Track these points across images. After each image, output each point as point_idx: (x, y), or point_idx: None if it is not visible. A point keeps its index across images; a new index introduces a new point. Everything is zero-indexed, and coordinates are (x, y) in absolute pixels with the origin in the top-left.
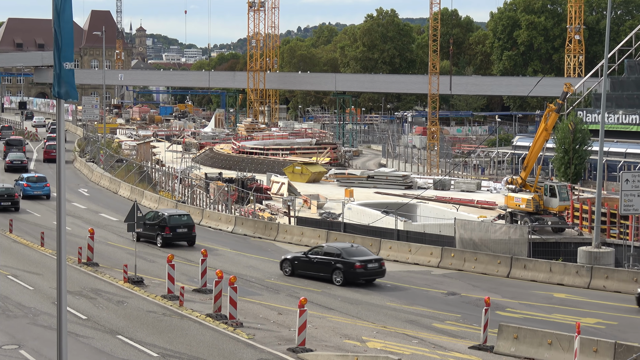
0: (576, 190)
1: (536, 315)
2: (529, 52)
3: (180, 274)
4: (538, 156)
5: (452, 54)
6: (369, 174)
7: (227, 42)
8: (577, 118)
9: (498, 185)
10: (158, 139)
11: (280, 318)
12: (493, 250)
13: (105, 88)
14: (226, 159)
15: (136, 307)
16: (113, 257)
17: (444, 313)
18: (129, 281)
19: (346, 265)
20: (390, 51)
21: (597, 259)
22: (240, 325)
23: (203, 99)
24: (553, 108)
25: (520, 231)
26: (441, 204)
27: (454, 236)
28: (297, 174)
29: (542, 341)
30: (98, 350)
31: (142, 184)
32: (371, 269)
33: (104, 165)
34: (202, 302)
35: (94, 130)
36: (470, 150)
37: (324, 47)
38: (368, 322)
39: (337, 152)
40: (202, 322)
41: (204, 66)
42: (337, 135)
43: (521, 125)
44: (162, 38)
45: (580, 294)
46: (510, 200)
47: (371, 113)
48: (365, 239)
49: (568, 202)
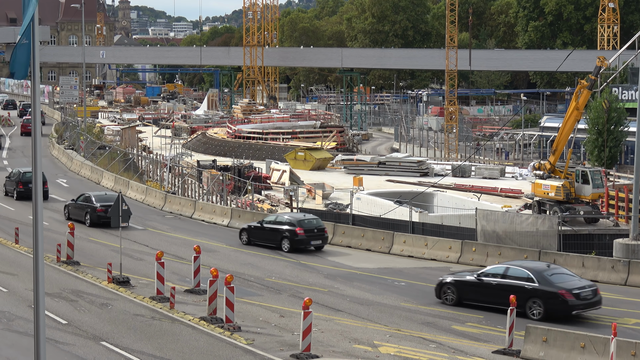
0: (611, 175)
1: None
2: (557, 22)
3: (171, 273)
4: (568, 138)
5: (471, 25)
6: (380, 160)
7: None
8: (612, 95)
9: (524, 171)
10: (144, 123)
11: (282, 321)
12: (519, 244)
13: (85, 67)
14: (221, 145)
15: (122, 310)
16: (96, 255)
17: (465, 314)
18: (113, 281)
19: (292, 234)
20: (402, 23)
21: (635, 252)
22: (237, 329)
23: (194, 78)
24: (585, 85)
25: (549, 222)
26: (461, 193)
27: (475, 228)
28: (300, 160)
29: (574, 344)
30: (80, 358)
31: (127, 174)
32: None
33: (85, 153)
34: (195, 304)
35: (73, 114)
36: (492, 132)
37: (328, 19)
38: (380, 324)
39: (344, 136)
40: (196, 326)
41: (195, 41)
42: (344, 117)
43: (549, 104)
44: (148, 10)
45: (616, 291)
46: (537, 188)
47: (382, 92)
48: (376, 232)
49: (602, 189)
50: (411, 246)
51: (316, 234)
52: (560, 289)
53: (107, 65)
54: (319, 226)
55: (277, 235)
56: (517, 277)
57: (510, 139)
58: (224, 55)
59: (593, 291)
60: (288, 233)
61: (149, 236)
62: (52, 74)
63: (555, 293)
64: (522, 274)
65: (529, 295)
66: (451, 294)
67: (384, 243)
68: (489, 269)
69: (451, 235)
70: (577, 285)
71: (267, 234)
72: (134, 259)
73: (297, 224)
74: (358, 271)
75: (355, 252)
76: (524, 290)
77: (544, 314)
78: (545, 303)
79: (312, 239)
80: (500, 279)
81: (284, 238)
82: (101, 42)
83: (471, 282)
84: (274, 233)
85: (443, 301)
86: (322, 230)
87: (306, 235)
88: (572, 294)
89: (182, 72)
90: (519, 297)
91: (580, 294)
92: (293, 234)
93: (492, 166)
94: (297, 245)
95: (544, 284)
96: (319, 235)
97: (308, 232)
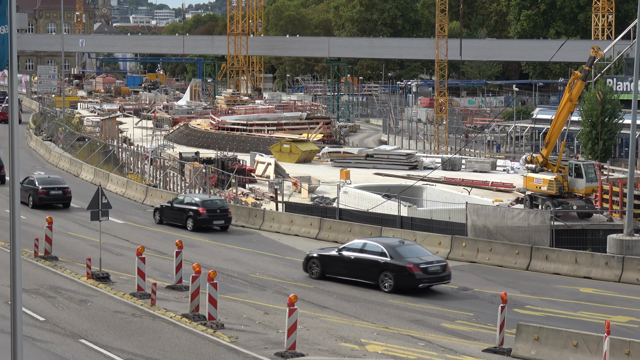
0: (605, 169)
1: (560, 313)
2: (550, 11)
3: (152, 269)
4: (562, 131)
5: (462, 13)
6: (368, 153)
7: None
8: (607, 87)
9: (516, 164)
10: (125, 114)
11: (266, 318)
12: (510, 239)
13: (64, 55)
14: (204, 137)
15: (101, 306)
16: (74, 250)
17: (454, 311)
18: (93, 277)
19: (195, 213)
20: (391, 11)
21: (629, 248)
22: (221, 326)
23: (176, 67)
24: (579, 75)
25: (542, 217)
26: (451, 187)
27: (466, 223)
28: (286, 153)
29: (566, 343)
30: (58, 356)
31: (107, 166)
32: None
33: (63, 145)
34: (177, 301)
35: (52, 104)
36: (483, 124)
37: (315, 7)
38: (367, 322)
39: (331, 128)
40: (177, 324)
41: (177, 30)
42: (331, 109)
43: (542, 96)
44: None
45: (610, 288)
46: (529, 182)
47: (370, 82)
48: (364, 227)
49: (596, 183)
50: None
51: (219, 214)
52: (409, 263)
53: (86, 54)
54: (222, 207)
55: (183, 215)
56: (372, 252)
57: (502, 131)
58: (207, 44)
59: (442, 266)
60: (192, 213)
61: (129, 230)
62: (29, 63)
63: (404, 267)
64: (376, 248)
65: (381, 269)
66: (316, 267)
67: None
68: (349, 243)
69: (441, 230)
70: (426, 260)
71: (175, 213)
72: (114, 254)
73: (200, 204)
74: None
75: None
76: (377, 264)
77: (394, 286)
78: (395, 276)
79: (214, 218)
80: (358, 254)
81: (188, 217)
82: (80, 30)
83: (333, 257)
84: (180, 213)
85: (309, 275)
86: (226, 211)
87: (209, 215)
88: (420, 268)
89: (164, 61)
90: (373, 271)
91: (428, 269)
92: (196, 213)
93: (483, 159)
94: (200, 224)
95: (395, 258)
96: (222, 215)
97: (211, 212)
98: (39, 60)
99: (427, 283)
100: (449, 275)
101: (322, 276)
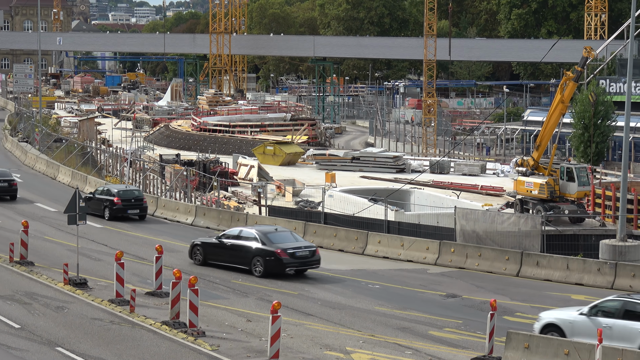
0: (598, 173)
1: None
2: (542, 9)
3: (131, 274)
4: (553, 133)
5: (451, 12)
6: (354, 155)
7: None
8: (599, 88)
9: (506, 167)
10: (104, 115)
11: (249, 326)
12: (500, 245)
13: (40, 54)
14: (185, 138)
15: (79, 313)
16: (51, 255)
17: (443, 319)
18: (70, 283)
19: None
20: (378, 9)
21: (622, 254)
22: (202, 334)
23: (157, 66)
24: (571, 76)
25: (532, 222)
26: (439, 190)
27: (454, 228)
28: (269, 155)
29: (557, 351)
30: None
31: (85, 168)
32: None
33: (40, 146)
34: (156, 308)
35: (28, 104)
36: (473, 126)
37: (300, 5)
38: (353, 329)
39: (316, 130)
40: (157, 331)
41: (158, 28)
42: (316, 110)
43: (533, 97)
44: None
45: (602, 295)
46: (520, 186)
47: (356, 83)
48: (349, 232)
49: (588, 187)
50: (386, 247)
51: (133, 204)
52: (277, 248)
53: (64, 52)
54: (137, 197)
55: (100, 205)
56: (247, 238)
57: (492, 133)
58: (188, 43)
59: (311, 251)
60: (108, 203)
61: (107, 235)
62: (5, 61)
63: (273, 252)
64: (250, 235)
65: (253, 254)
66: (199, 254)
67: (358, 243)
68: (228, 231)
69: (429, 235)
70: (294, 246)
71: (94, 204)
72: (91, 259)
73: (116, 194)
74: (330, 273)
75: (327, 252)
76: (250, 249)
77: (263, 271)
78: (265, 261)
79: (129, 208)
80: (234, 240)
81: (105, 207)
82: (58, 27)
83: (213, 244)
84: (98, 203)
85: (194, 262)
86: (141, 201)
87: (123, 205)
88: (287, 253)
89: (144, 60)
90: (247, 256)
91: (296, 253)
92: (112, 203)
93: (472, 162)
94: (115, 213)
95: (266, 244)
96: (137, 205)
97: (125, 201)
98: (14, 59)
99: (295, 267)
100: (318, 260)
101: (205, 262)
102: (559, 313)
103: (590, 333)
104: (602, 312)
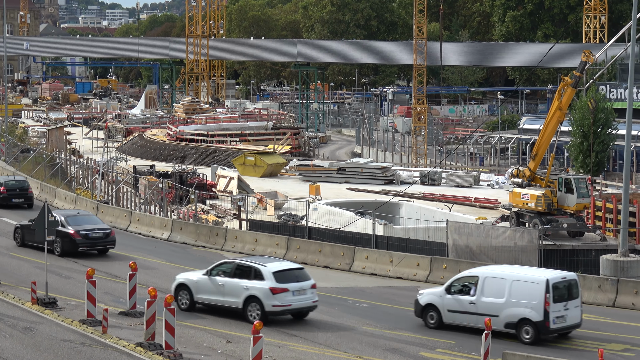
0: (598, 184)
1: (549, 341)
2: (538, 12)
3: (104, 293)
4: (550, 142)
5: (442, 14)
6: (340, 166)
7: (161, 1)
8: (599, 94)
9: (501, 178)
10: (74, 124)
11: (229, 347)
12: (495, 260)
13: (6, 59)
14: (160, 148)
15: (48, 335)
16: (18, 273)
17: (435, 339)
18: (38, 302)
19: None
20: (365, 11)
21: (624, 270)
22: (179, 356)
23: (130, 72)
24: (569, 82)
25: (529, 236)
26: (430, 203)
27: (446, 243)
28: (250, 166)
29: None
30: None
31: (54, 180)
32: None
33: (6, 157)
34: (130, 328)
35: None
36: (466, 135)
37: (282, 7)
38: (339, 350)
39: (299, 139)
40: (131, 353)
41: (131, 31)
42: (300, 118)
43: (529, 104)
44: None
45: (603, 313)
46: (516, 198)
47: (342, 89)
48: (335, 247)
49: (588, 199)
50: (374, 263)
51: (18, 193)
52: (73, 230)
53: (31, 57)
54: (22, 187)
55: None
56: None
57: (486, 142)
58: (164, 47)
59: (105, 233)
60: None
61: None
62: None
63: (68, 233)
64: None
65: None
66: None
67: (344, 259)
68: None
69: (419, 251)
70: (88, 228)
71: None
72: (61, 277)
73: (3, 184)
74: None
75: (312, 269)
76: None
77: (61, 251)
78: (62, 242)
79: (13, 197)
80: None
81: None
82: (25, 31)
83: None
84: None
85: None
86: (25, 190)
87: (7, 194)
88: (80, 234)
89: (116, 65)
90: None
91: (89, 235)
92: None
93: (465, 173)
94: (1, 202)
95: (64, 226)
96: (21, 194)
97: (10, 191)
98: None
99: (87, 247)
100: (112, 241)
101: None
102: (189, 274)
103: (210, 290)
104: (220, 272)
